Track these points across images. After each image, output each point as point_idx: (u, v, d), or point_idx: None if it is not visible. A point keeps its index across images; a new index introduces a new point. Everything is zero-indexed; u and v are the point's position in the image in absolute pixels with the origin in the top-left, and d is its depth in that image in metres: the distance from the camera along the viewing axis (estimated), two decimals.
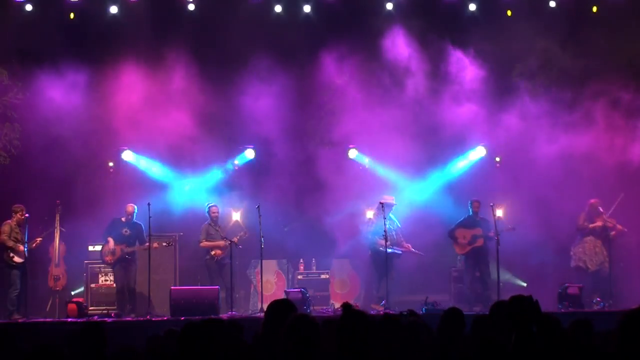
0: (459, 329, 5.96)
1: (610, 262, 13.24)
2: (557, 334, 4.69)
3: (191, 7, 14.53)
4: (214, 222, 13.45)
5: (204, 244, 13.33)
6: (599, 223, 13.35)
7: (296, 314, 4.33)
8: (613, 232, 13.28)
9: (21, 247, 12.40)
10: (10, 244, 12.36)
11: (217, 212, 13.53)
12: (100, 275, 13.75)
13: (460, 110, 14.73)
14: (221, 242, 13.17)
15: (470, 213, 13.66)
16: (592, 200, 13.41)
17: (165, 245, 13.15)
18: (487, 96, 15.18)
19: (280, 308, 4.88)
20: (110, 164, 14.57)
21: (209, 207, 13.54)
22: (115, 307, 12.94)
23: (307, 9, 14.78)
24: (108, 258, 13.00)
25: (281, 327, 4.30)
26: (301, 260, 14.35)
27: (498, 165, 15.05)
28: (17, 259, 12.39)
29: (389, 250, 12.87)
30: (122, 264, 13.01)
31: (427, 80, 14.63)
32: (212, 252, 13.23)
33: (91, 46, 14.30)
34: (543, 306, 4.58)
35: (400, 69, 14.66)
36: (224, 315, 11.76)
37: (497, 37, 14.43)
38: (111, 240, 12.98)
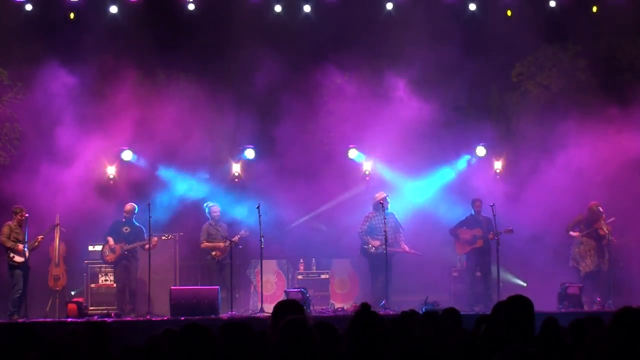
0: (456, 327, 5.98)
1: (610, 262, 13.21)
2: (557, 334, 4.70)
3: (191, 7, 14.55)
4: (214, 222, 13.44)
5: (205, 244, 13.32)
6: (576, 234, 13.26)
7: (292, 317, 4.28)
8: (604, 241, 13.22)
9: (21, 247, 12.40)
10: (10, 244, 12.36)
11: (218, 212, 13.51)
12: (100, 275, 13.75)
13: (460, 109, 14.73)
14: (221, 244, 13.15)
15: (473, 212, 13.65)
16: (592, 203, 13.30)
17: (165, 239, 13.21)
18: (487, 96, 15.21)
19: (288, 309, 4.80)
20: (110, 163, 14.53)
21: (209, 207, 13.52)
22: (115, 307, 12.95)
23: (307, 9, 14.79)
24: (109, 257, 13.02)
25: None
26: (301, 260, 14.33)
27: (499, 171, 14.98)
28: (17, 259, 12.39)
29: (376, 251, 12.94)
30: (123, 264, 13.04)
31: (427, 79, 14.65)
32: (213, 253, 13.22)
33: (91, 46, 14.29)
34: (543, 306, 4.58)
35: (400, 68, 14.68)
36: (224, 315, 11.77)
37: (497, 37, 14.44)
38: (110, 239, 13.02)
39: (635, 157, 13.95)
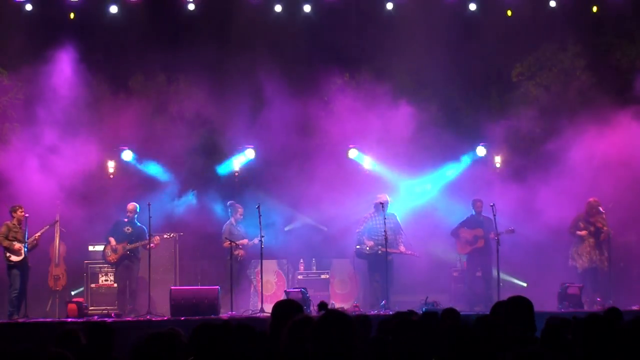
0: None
1: (609, 261, 13.19)
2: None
3: (191, 6, 14.56)
4: (235, 222, 13.39)
5: (228, 244, 13.18)
6: (583, 232, 13.26)
7: (300, 315, 4.27)
8: (603, 236, 13.18)
9: (17, 245, 12.31)
10: (5, 243, 12.29)
11: (242, 212, 13.43)
12: (100, 275, 13.75)
13: (461, 110, 14.71)
14: (244, 242, 13.15)
15: (473, 213, 13.65)
16: (591, 199, 13.28)
17: (167, 237, 13.30)
18: (487, 96, 15.21)
19: (287, 309, 4.80)
20: (110, 164, 14.53)
21: (234, 207, 13.41)
22: (115, 307, 12.95)
23: (307, 9, 14.79)
24: (111, 257, 13.03)
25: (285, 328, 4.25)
26: (301, 260, 14.33)
27: (498, 165, 15.01)
28: (14, 258, 12.33)
29: (370, 251, 12.96)
30: (125, 264, 13.05)
31: (427, 79, 14.64)
32: (236, 252, 13.08)
33: (91, 46, 14.30)
34: (543, 306, 4.58)
35: (400, 68, 14.67)
36: (224, 315, 11.76)
37: (497, 37, 14.45)
38: (112, 239, 13.03)
39: (636, 156, 13.94)
